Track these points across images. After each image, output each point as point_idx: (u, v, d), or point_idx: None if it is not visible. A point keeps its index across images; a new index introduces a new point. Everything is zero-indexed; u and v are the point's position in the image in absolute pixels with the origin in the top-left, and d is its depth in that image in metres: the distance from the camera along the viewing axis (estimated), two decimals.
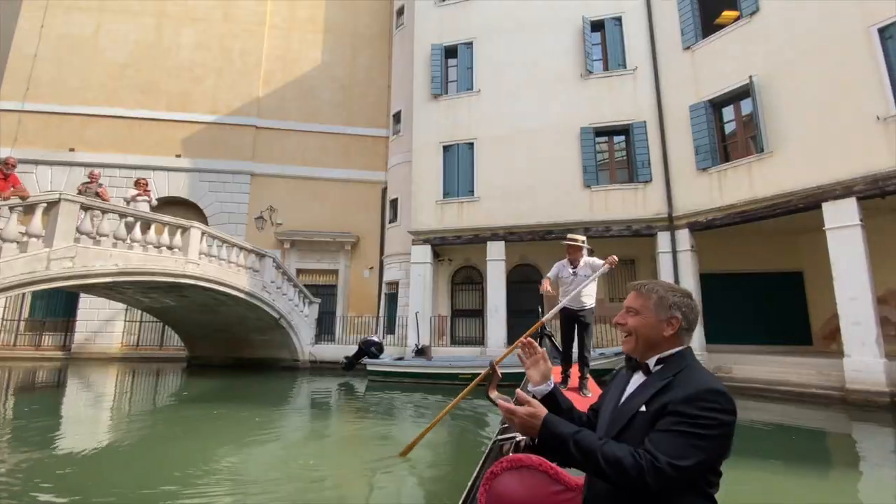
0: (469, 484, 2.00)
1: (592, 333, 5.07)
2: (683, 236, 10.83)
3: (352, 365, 11.72)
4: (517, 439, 2.24)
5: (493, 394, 2.97)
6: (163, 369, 13.75)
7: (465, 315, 14.18)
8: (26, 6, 17.29)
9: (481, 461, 2.31)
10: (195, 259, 9.60)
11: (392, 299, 15.12)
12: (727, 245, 11.56)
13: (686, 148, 10.87)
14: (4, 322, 15.29)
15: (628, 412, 1.24)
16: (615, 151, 12.28)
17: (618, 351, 9.05)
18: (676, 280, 10.61)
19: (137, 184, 9.31)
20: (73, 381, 11.58)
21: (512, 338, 12.04)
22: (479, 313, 13.80)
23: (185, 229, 9.48)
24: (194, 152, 17.09)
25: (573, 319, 4.85)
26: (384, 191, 17.30)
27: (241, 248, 11.75)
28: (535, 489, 1.47)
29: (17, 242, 6.61)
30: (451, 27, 14.04)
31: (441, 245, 13.40)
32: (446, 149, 13.39)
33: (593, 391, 4.41)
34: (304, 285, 14.73)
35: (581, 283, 4.51)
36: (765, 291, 11.72)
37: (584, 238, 4.87)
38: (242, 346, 13.85)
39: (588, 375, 4.62)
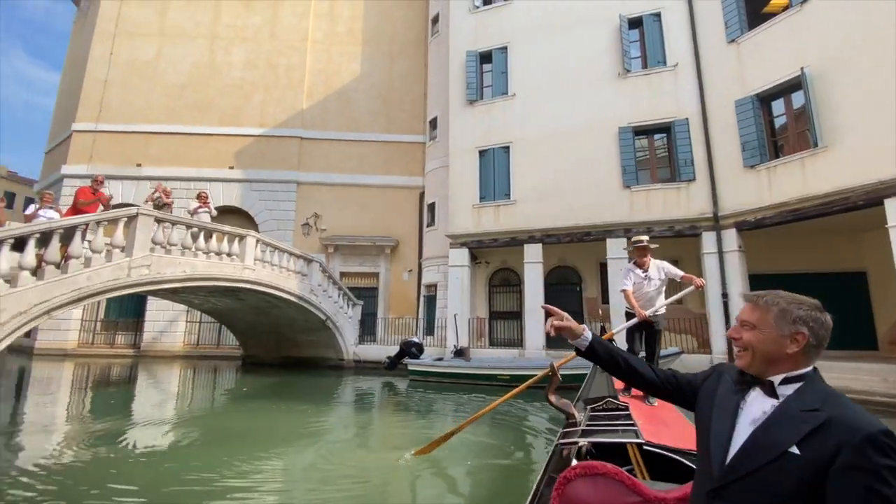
0: (533, 488, 2.13)
1: (660, 341, 4.78)
2: (730, 236, 10.50)
3: (394, 365, 12.14)
4: (579, 444, 2.34)
5: (553, 397, 3.09)
6: (220, 367, 14.77)
7: (502, 317, 14.33)
8: (97, 37, 19.05)
9: (545, 464, 2.43)
10: (251, 265, 10.33)
11: (430, 301, 15.48)
12: (778, 245, 11.10)
13: (732, 145, 10.55)
14: (84, 322, 16.88)
15: (773, 448, 1.05)
16: (656, 150, 12.06)
17: (669, 353, 8.92)
18: (723, 282, 10.32)
19: (199, 197, 10.14)
20: (142, 376, 12.69)
21: (552, 339, 12.08)
22: (516, 315, 13.91)
23: (241, 237, 10.22)
24: (245, 164, 18.23)
25: (646, 326, 4.53)
26: (421, 195, 17.73)
27: (291, 253, 12.46)
28: (611, 498, 1.42)
29: (103, 253, 7.43)
30: (485, 33, 14.26)
31: (478, 248, 13.62)
32: (482, 153, 13.61)
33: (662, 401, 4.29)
34: (347, 288, 15.36)
35: (652, 287, 4.35)
36: (823, 293, 10.89)
37: (647, 238, 4.65)
38: (291, 345, 14.62)
39: None
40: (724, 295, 10.32)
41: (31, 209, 7.37)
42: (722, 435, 1.17)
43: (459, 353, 11.76)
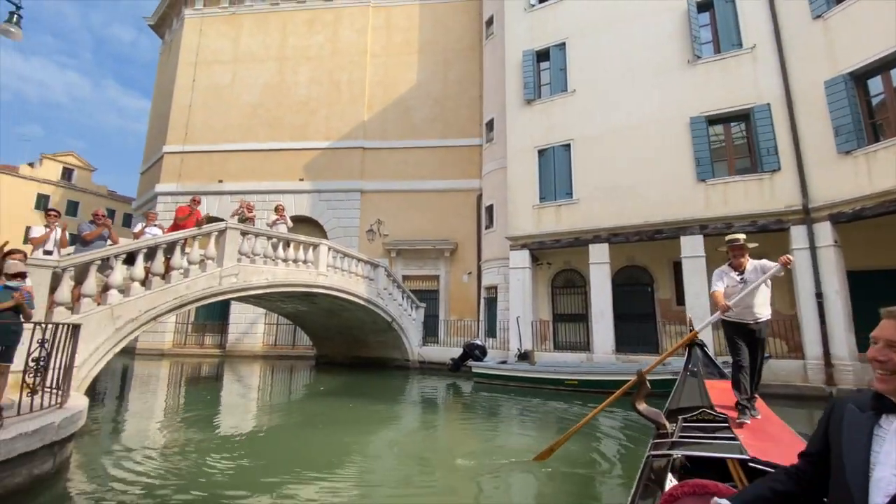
0: (629, 500, 2.10)
1: (765, 350, 4.21)
2: (824, 230, 9.56)
3: (458, 367, 12.32)
4: (673, 456, 2.28)
5: (642, 406, 2.99)
6: (296, 366, 15.78)
7: (567, 319, 14.01)
8: (181, 66, 21.14)
9: (637, 477, 2.37)
10: (324, 271, 10.97)
11: (491, 303, 15.50)
12: (880, 238, 9.91)
13: (822, 129, 9.61)
14: (177, 325, 18.74)
15: None
16: (733, 140, 11.26)
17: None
18: (816, 280, 9.42)
19: (276, 210, 10.93)
20: (229, 374, 13.87)
21: (622, 343, 11.67)
22: (582, 318, 13.56)
23: (315, 246, 10.89)
24: (313, 175, 19.36)
25: (746, 334, 3.90)
26: (479, 198, 17.82)
27: (358, 259, 13.05)
28: None
29: (198, 264, 8.25)
30: (541, 31, 14.08)
31: (539, 249, 13.44)
32: (541, 152, 13.44)
33: (762, 411, 3.57)
34: (409, 291, 15.79)
35: (750, 291, 3.82)
36: None
37: (744, 236, 4.09)
38: (360, 346, 15.30)
39: (756, 394, 3.76)
40: (819, 295, 9.41)
41: (138, 227, 8.35)
42: (857, 470, 1.05)
43: (524, 356, 11.68)
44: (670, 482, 2.21)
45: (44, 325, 4.44)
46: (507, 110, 14.41)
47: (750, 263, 3.94)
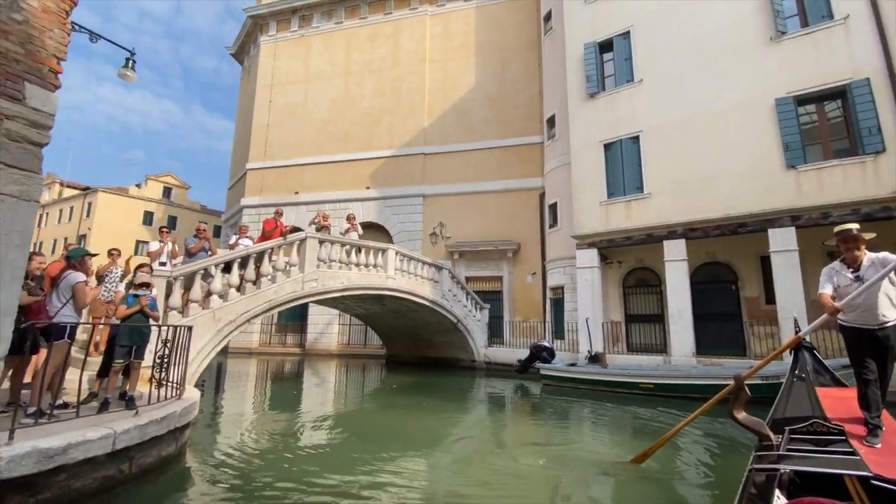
0: None
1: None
2: None
3: (525, 368, 12.24)
4: (780, 471, 2.15)
5: (741, 415, 2.80)
6: (368, 364, 16.61)
7: (640, 320, 13.40)
8: (259, 90, 23.14)
9: (739, 492, 2.27)
10: (392, 274, 11.50)
11: (557, 304, 15.22)
12: None
13: None
14: (262, 326, 20.47)
15: None
16: (829, 120, 10.16)
17: (843, 363, 7.47)
18: None
19: (348, 219, 11.67)
20: (309, 371, 14.92)
21: (703, 345, 10.98)
22: (657, 318, 12.91)
23: (383, 251, 11.45)
24: (378, 183, 20.27)
25: (871, 341, 3.28)
26: (541, 196, 17.58)
27: (423, 262, 13.47)
28: None
29: (283, 270, 9.04)
30: (603, 21, 13.63)
31: (608, 248, 13.00)
32: (607, 147, 13.00)
33: (886, 422, 3.07)
34: (473, 292, 15.96)
35: (870, 290, 3.21)
36: None
37: (857, 225, 3.43)
38: (427, 346, 15.74)
39: (882, 409, 3.17)
40: None
41: (233, 239, 9.35)
42: None
43: (594, 358, 11.37)
44: (778, 499, 2.06)
45: (167, 328, 5.17)
46: (569, 106, 14.11)
47: (867, 257, 3.30)
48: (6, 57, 3.44)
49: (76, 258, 4.31)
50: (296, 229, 12.84)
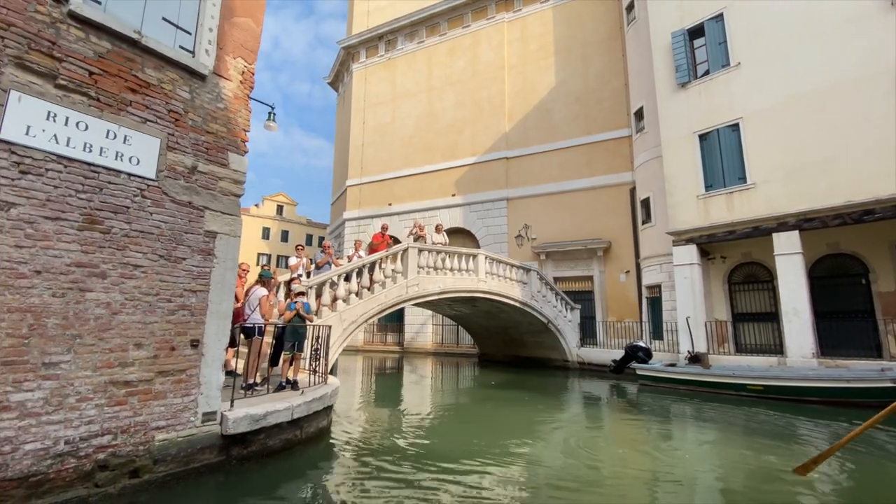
0: None
1: None
2: None
3: (620, 369, 12.22)
4: None
5: None
6: (461, 362, 17.61)
7: (750, 319, 12.60)
8: (353, 113, 25.55)
9: None
10: (483, 277, 12.29)
11: (654, 303, 14.80)
12: None
13: None
14: (367, 326, 22.58)
15: None
16: None
17: None
18: None
19: (437, 228, 12.74)
20: (408, 367, 16.30)
21: (827, 345, 10.18)
22: (770, 317, 12.08)
23: (474, 256, 12.30)
24: (463, 189, 21.30)
25: None
26: (632, 191, 17.16)
27: (511, 264, 14.06)
28: None
29: (390, 278, 10.31)
30: (691, 7, 13.11)
31: (709, 243, 12.46)
32: (703, 137, 12.48)
33: None
34: (563, 292, 16.14)
35: None
36: None
37: None
38: (518, 346, 16.29)
39: None
40: None
41: (350, 252, 10.95)
42: None
43: (695, 359, 11.01)
44: None
45: (317, 327, 6.51)
46: (658, 98, 13.73)
47: None
48: (216, 135, 4.84)
49: (266, 278, 5.76)
50: (393, 238, 14.25)
